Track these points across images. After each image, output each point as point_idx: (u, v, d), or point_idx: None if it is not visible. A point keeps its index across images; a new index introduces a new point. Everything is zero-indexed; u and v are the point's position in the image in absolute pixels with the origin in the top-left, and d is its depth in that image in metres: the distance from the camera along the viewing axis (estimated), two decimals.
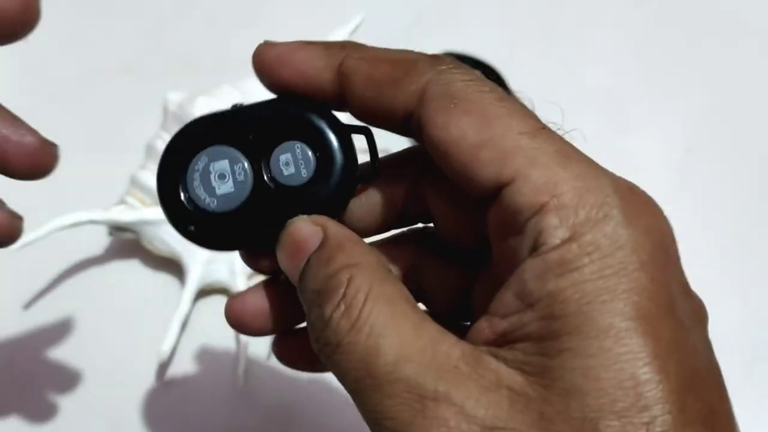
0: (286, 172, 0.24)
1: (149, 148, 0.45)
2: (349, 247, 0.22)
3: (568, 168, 0.20)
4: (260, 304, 0.26)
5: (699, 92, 0.52)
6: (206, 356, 0.42)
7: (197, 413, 0.41)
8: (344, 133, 0.25)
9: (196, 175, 0.25)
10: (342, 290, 0.21)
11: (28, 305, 0.43)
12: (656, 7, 0.55)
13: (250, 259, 0.26)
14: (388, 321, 0.20)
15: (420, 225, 0.27)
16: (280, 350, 0.28)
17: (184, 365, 0.42)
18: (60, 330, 0.43)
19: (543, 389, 0.19)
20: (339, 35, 0.49)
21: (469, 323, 0.25)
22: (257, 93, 0.25)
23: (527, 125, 0.21)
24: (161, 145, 0.44)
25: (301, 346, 0.27)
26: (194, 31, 0.54)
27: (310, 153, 0.24)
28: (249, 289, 0.27)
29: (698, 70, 0.53)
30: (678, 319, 0.20)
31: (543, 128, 0.21)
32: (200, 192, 0.25)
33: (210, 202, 0.25)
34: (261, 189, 0.25)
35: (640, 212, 0.20)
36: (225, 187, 0.25)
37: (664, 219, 0.21)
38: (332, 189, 0.24)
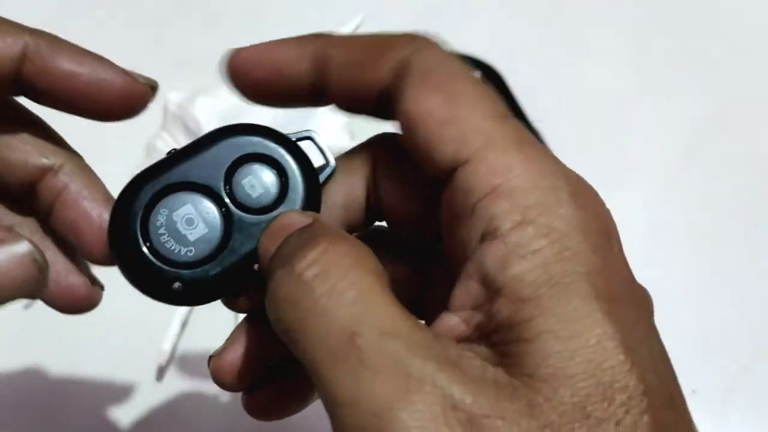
0: (255, 194, 0.24)
1: (149, 148, 0.45)
2: (335, 229, 0.22)
3: (523, 153, 0.20)
4: (244, 352, 0.25)
5: (698, 93, 0.52)
6: (206, 356, 0.42)
7: (197, 413, 0.41)
8: (290, 142, 0.25)
9: (162, 231, 0.24)
10: (319, 250, 0.20)
11: (28, 305, 0.43)
12: (657, 7, 0.55)
13: (229, 299, 0.25)
14: (375, 293, 0.19)
15: (376, 224, 0.26)
16: (254, 405, 0.26)
17: (184, 365, 0.42)
18: (60, 330, 0.43)
19: (528, 378, 0.18)
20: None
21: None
22: None
23: (493, 111, 0.21)
24: (161, 145, 0.44)
25: (276, 395, 0.26)
26: (194, 31, 0.54)
27: (269, 170, 0.24)
28: (227, 344, 0.25)
29: (698, 71, 0.53)
30: (630, 304, 0.20)
31: (508, 116, 0.21)
32: (172, 246, 0.24)
33: (188, 252, 0.24)
34: (234, 219, 0.24)
35: (587, 199, 0.20)
36: (197, 231, 0.24)
37: (607, 209, 0.21)
38: (304, 193, 0.24)
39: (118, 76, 0.24)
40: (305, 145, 0.25)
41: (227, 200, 0.24)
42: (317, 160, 0.25)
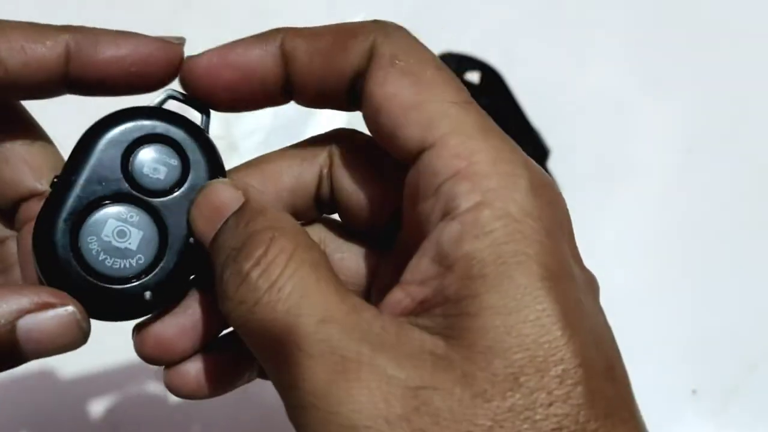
0: (162, 176, 0.24)
1: None
2: (271, 212, 0.22)
3: (488, 140, 0.21)
4: (176, 326, 0.25)
5: (699, 93, 0.52)
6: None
7: (197, 413, 0.41)
8: (162, 111, 0.24)
9: (102, 257, 0.23)
10: (263, 248, 0.20)
11: None
12: (657, 7, 0.55)
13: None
14: (311, 283, 0.20)
15: (325, 215, 0.27)
16: (176, 381, 0.25)
17: None
18: None
19: (466, 350, 0.19)
20: None
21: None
22: None
23: (458, 96, 0.22)
24: None
25: (202, 371, 0.25)
26: (195, 31, 0.54)
27: (160, 147, 0.24)
28: (155, 318, 0.25)
29: (699, 71, 0.53)
30: (577, 284, 0.20)
31: (472, 102, 0.22)
32: (120, 264, 0.23)
33: (138, 260, 0.23)
34: (159, 208, 0.23)
35: (544, 188, 0.21)
36: (135, 237, 0.23)
37: (563, 200, 0.22)
38: (204, 154, 0.24)
39: (157, 46, 0.24)
40: (173, 106, 0.24)
41: (141, 195, 0.23)
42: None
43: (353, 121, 0.26)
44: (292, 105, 0.25)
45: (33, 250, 0.23)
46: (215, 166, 0.24)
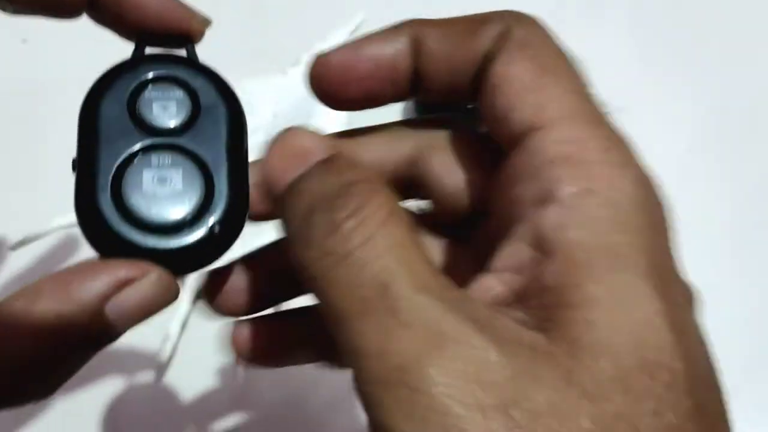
0: (174, 111, 0.23)
1: None
2: (365, 169, 0.21)
3: (600, 129, 0.20)
4: (237, 281, 0.25)
5: (700, 92, 0.52)
6: (206, 356, 0.42)
7: (197, 413, 0.41)
8: (146, 57, 0.24)
9: (153, 209, 0.22)
10: (361, 200, 0.19)
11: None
12: (660, 6, 0.55)
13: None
14: (409, 246, 0.18)
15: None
16: (242, 341, 0.25)
17: (184, 365, 0.42)
18: None
19: (568, 345, 0.17)
20: (339, 35, 0.49)
21: None
22: (258, 93, 0.25)
23: (578, 87, 0.21)
24: None
25: (269, 336, 0.25)
26: None
27: (158, 86, 0.23)
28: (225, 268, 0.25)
29: (699, 70, 0.53)
30: (679, 290, 0.19)
31: (590, 96, 0.21)
32: (173, 207, 0.22)
33: (190, 198, 0.22)
34: (186, 146, 0.23)
35: (650, 183, 0.20)
36: (177, 179, 0.22)
37: (664, 197, 0.21)
38: (204, 77, 0.24)
39: (184, 13, 0.25)
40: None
41: (162, 140, 0.23)
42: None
43: (353, 123, 0.25)
44: (292, 107, 0.25)
45: (87, 240, 0.22)
46: (220, 84, 0.24)
